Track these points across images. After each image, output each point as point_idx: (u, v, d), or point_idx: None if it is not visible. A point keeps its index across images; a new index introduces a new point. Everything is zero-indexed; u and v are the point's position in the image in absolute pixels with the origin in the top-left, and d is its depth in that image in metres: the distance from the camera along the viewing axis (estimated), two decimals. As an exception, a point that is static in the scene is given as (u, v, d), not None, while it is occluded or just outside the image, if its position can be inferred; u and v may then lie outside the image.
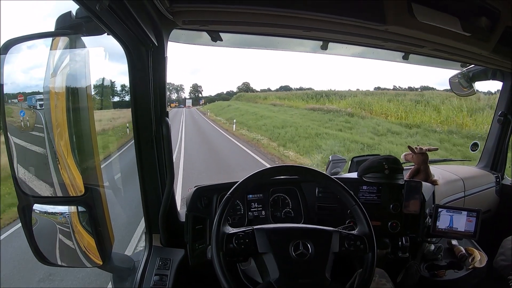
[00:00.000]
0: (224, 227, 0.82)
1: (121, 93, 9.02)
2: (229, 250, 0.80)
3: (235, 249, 0.80)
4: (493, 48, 1.18)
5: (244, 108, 20.27)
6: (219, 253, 0.78)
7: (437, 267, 1.33)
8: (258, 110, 18.26)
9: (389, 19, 0.94)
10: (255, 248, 0.81)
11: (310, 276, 0.80)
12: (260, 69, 59.45)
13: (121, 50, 0.92)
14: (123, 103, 8.52)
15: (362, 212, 0.89)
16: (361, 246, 0.86)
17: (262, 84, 65.03)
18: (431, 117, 11.69)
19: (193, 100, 31.56)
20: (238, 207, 1.21)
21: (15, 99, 0.83)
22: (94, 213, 0.82)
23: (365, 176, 1.30)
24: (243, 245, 0.81)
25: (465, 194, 1.67)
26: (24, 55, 0.80)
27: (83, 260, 0.88)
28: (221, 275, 0.76)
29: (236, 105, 22.76)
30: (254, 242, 0.82)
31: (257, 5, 0.89)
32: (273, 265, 0.79)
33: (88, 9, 0.67)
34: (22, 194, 0.79)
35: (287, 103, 19.02)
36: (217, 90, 44.25)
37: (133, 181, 1.12)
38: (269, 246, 0.81)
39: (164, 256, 1.08)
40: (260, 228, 0.84)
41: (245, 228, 0.84)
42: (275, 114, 16.07)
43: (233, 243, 0.80)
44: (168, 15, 0.88)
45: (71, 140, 0.82)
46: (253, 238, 0.82)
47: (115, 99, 8.83)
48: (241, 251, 0.81)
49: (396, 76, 39.02)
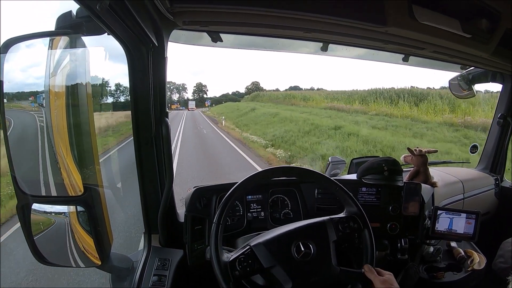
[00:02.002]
0: (223, 256, 0.81)
1: (118, 93, 8.95)
2: (237, 277, 0.79)
3: (242, 274, 0.80)
4: (493, 51, 1.19)
5: (279, 113, 13.94)
6: (229, 285, 0.78)
7: (436, 269, 1.33)
8: (313, 118, 11.49)
9: (390, 21, 0.95)
10: (260, 265, 0.81)
11: (320, 271, 0.81)
12: (266, 69, 59.12)
13: (121, 50, 0.92)
14: (121, 104, 8.26)
15: (346, 192, 0.91)
16: (355, 226, 0.87)
17: (270, 84, 63.91)
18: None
19: (196, 101, 28.06)
20: (237, 208, 1.21)
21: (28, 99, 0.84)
22: (93, 213, 0.82)
23: (364, 177, 1.30)
24: (248, 268, 0.80)
25: (464, 196, 1.68)
26: (24, 54, 0.80)
27: (82, 260, 0.88)
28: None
29: (263, 108, 17.03)
30: (257, 260, 0.81)
31: (258, 6, 0.89)
32: (283, 275, 0.80)
33: (89, 8, 0.67)
34: (21, 193, 0.79)
35: (359, 107, 13.13)
36: (222, 91, 43.49)
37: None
38: (273, 259, 0.81)
39: (163, 256, 1.07)
40: (257, 243, 0.84)
41: (243, 249, 0.83)
42: (381, 133, 9.37)
43: (237, 269, 0.80)
44: (168, 15, 0.88)
45: (71, 140, 0.82)
46: (254, 256, 0.82)
47: (118, 100, 8.69)
48: (248, 273, 0.81)
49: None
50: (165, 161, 1.05)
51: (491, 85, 1.80)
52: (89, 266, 0.89)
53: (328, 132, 9.95)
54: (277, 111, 15.05)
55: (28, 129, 0.89)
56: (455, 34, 1.05)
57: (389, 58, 1.45)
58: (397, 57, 1.41)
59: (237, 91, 28.64)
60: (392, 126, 10.85)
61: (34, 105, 0.85)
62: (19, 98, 0.86)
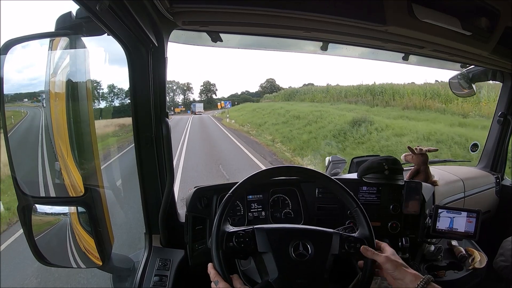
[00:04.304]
0: (225, 226, 0.82)
1: (121, 95, 8.83)
2: (229, 248, 0.80)
3: (235, 248, 0.80)
4: (493, 49, 1.18)
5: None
6: (218, 251, 0.78)
7: (437, 267, 1.33)
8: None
9: (389, 19, 0.94)
10: (255, 247, 0.81)
11: (309, 276, 0.80)
12: (277, 67, 56.94)
13: (121, 50, 0.92)
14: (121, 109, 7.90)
15: (363, 214, 0.89)
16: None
17: (283, 82, 60.80)
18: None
19: (204, 103, 23.64)
20: (238, 208, 1.21)
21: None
22: (93, 213, 0.82)
23: (365, 176, 1.30)
24: (242, 244, 0.81)
25: (465, 194, 1.67)
26: (24, 55, 0.80)
27: (83, 260, 0.88)
28: (220, 272, 0.76)
29: (330, 109, 11.97)
30: (254, 241, 0.81)
31: (257, 6, 0.89)
32: (272, 264, 0.79)
33: (88, 9, 0.67)
34: (22, 194, 0.79)
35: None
36: (230, 92, 41.10)
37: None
38: (268, 246, 0.81)
39: (163, 256, 1.07)
40: (260, 227, 0.84)
41: (246, 227, 0.84)
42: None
43: (233, 242, 0.80)
44: (168, 15, 0.88)
45: (71, 140, 0.82)
46: (253, 237, 0.82)
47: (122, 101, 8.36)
48: (241, 249, 0.81)
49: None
50: (165, 161, 1.06)
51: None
52: (90, 266, 0.89)
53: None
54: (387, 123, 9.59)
55: (32, 128, 0.89)
56: (455, 33, 1.05)
57: (389, 57, 1.45)
58: (397, 56, 1.41)
59: (247, 90, 26.17)
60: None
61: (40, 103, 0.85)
62: (20, 99, 0.86)
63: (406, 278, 0.76)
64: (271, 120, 13.31)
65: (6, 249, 3.47)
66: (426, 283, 0.73)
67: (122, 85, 8.46)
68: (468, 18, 1.06)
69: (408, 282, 0.75)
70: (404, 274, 0.76)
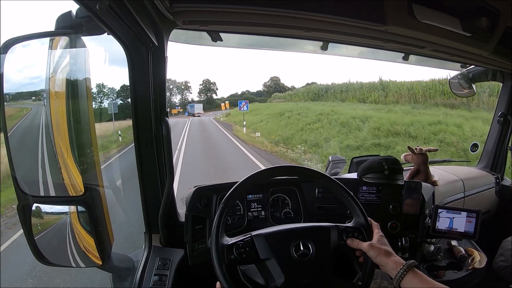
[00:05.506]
0: (222, 239, 0.81)
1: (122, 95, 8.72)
2: (231, 261, 0.79)
3: (237, 259, 0.80)
4: (493, 49, 1.18)
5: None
6: (222, 267, 0.78)
7: (436, 267, 1.33)
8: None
9: (389, 19, 0.94)
10: (257, 255, 0.81)
11: (315, 275, 0.80)
12: (279, 66, 56.17)
13: (121, 50, 0.92)
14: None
15: (356, 203, 0.90)
16: (360, 237, 0.86)
17: (286, 81, 59.94)
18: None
19: (204, 104, 21.33)
20: (237, 207, 1.21)
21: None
22: (93, 213, 0.82)
23: (364, 176, 1.30)
24: (244, 254, 0.80)
25: (465, 194, 1.67)
26: (24, 54, 0.80)
27: (83, 260, 0.88)
28: (225, 283, 0.76)
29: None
30: (254, 249, 0.81)
31: (257, 5, 0.89)
32: (277, 270, 0.79)
33: (88, 8, 0.67)
34: (22, 193, 0.79)
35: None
36: (229, 92, 39.22)
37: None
38: (270, 251, 0.81)
39: (163, 256, 1.07)
40: (258, 234, 0.84)
41: (244, 237, 0.83)
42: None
43: (234, 254, 0.80)
44: (168, 15, 0.88)
45: (71, 140, 0.82)
46: (253, 245, 0.82)
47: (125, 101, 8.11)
48: (243, 260, 0.81)
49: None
50: (165, 161, 1.06)
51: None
52: (89, 266, 0.89)
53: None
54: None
55: (32, 127, 0.89)
56: (455, 33, 1.05)
57: (389, 56, 1.45)
58: (397, 56, 1.41)
59: (247, 90, 23.96)
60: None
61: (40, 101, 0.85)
62: (22, 98, 0.86)
63: (388, 265, 0.77)
64: (331, 132, 8.29)
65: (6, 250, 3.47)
66: (406, 270, 0.73)
67: (122, 86, 8.43)
68: (468, 18, 1.06)
69: (390, 270, 0.76)
70: (386, 262, 0.77)
